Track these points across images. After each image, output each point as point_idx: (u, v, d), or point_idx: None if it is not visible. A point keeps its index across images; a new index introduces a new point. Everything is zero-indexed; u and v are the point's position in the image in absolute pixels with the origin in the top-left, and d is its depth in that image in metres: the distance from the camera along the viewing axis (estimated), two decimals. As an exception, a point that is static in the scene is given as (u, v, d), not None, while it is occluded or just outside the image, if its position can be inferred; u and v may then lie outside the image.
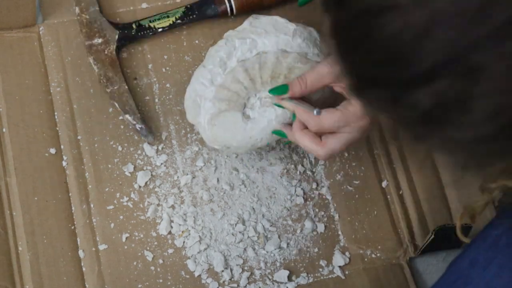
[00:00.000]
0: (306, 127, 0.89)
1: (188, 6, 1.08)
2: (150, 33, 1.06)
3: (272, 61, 0.93)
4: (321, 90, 0.92)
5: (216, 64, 0.95)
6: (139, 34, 1.06)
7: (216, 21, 1.09)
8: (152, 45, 1.07)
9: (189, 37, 1.08)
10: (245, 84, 0.94)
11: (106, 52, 1.03)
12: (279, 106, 0.93)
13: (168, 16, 1.07)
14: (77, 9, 1.06)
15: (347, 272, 1.00)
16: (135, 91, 1.05)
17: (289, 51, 0.94)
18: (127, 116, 1.00)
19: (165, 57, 1.07)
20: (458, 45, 0.47)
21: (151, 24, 1.06)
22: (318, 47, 0.96)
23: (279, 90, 0.91)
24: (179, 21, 1.07)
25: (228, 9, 1.07)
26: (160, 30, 1.06)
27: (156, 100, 1.05)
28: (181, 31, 1.08)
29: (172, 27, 1.07)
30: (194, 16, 1.07)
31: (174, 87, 1.06)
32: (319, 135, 0.89)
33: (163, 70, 1.07)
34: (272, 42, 0.95)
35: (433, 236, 0.97)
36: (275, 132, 0.94)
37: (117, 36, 1.05)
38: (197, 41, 1.08)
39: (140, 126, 1.00)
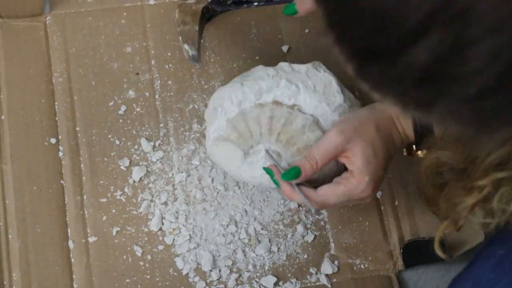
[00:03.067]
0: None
1: None
2: (244, 5, 1.07)
3: (297, 128, 0.93)
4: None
5: (253, 90, 0.95)
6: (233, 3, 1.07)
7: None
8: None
9: (194, 35, 1.09)
10: (262, 130, 0.93)
11: (193, 7, 1.03)
12: (272, 178, 0.91)
13: None
14: None
15: (335, 280, 1.00)
16: (137, 86, 1.05)
17: (317, 127, 0.93)
18: (185, 45, 1.00)
19: (169, 54, 1.07)
20: None
21: None
22: None
23: (291, 175, 0.88)
24: None
25: None
26: (255, 4, 1.07)
27: (157, 96, 1.05)
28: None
29: (268, 2, 1.06)
30: None
31: (176, 85, 1.06)
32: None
33: (166, 67, 1.07)
34: (312, 104, 0.94)
35: (401, 251, 0.97)
36: (275, 181, 0.92)
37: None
38: (202, 41, 1.08)
39: (193, 52, 0.99)
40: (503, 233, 0.78)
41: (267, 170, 0.91)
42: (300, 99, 0.94)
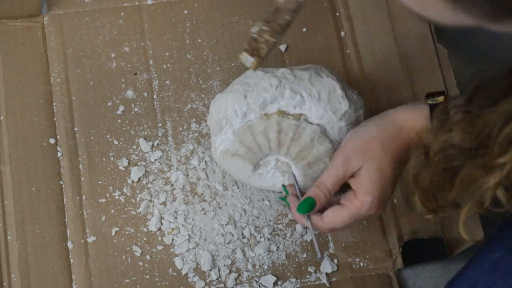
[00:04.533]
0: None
1: None
2: None
3: (306, 142, 0.93)
4: None
5: (257, 102, 0.94)
6: None
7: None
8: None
9: (192, 35, 1.09)
10: (271, 144, 0.94)
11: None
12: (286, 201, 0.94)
13: None
14: None
15: (334, 279, 1.00)
16: (135, 86, 1.05)
17: (326, 138, 0.94)
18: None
19: (167, 54, 1.07)
20: None
21: None
22: None
23: (307, 207, 0.89)
24: None
25: None
26: None
27: (155, 96, 1.05)
28: (185, 29, 1.09)
29: None
30: None
31: (174, 85, 1.06)
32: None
33: (164, 66, 1.07)
34: (318, 114, 0.94)
35: (400, 250, 0.98)
36: (281, 198, 0.96)
37: None
38: (199, 40, 1.08)
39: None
40: (498, 236, 0.78)
41: (284, 188, 0.94)
42: (305, 108, 0.94)
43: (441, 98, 0.86)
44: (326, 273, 1.00)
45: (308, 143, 0.93)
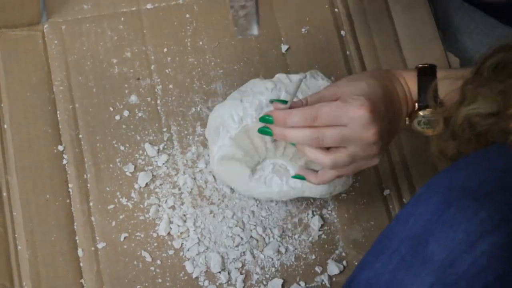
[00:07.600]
0: None
1: None
2: None
3: None
4: None
5: (253, 106, 0.93)
6: None
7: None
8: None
9: (193, 38, 1.09)
10: (268, 145, 0.93)
11: None
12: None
13: None
14: None
15: (345, 278, 1.00)
16: (138, 91, 1.05)
17: None
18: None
19: (169, 58, 1.07)
20: None
21: None
22: None
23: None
24: None
25: None
26: None
27: (158, 101, 1.05)
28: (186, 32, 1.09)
29: None
30: None
31: (177, 89, 1.06)
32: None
33: (167, 71, 1.07)
34: None
35: None
36: (296, 176, 0.94)
37: None
38: (201, 43, 1.08)
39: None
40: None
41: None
42: None
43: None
44: (336, 273, 1.00)
45: None
